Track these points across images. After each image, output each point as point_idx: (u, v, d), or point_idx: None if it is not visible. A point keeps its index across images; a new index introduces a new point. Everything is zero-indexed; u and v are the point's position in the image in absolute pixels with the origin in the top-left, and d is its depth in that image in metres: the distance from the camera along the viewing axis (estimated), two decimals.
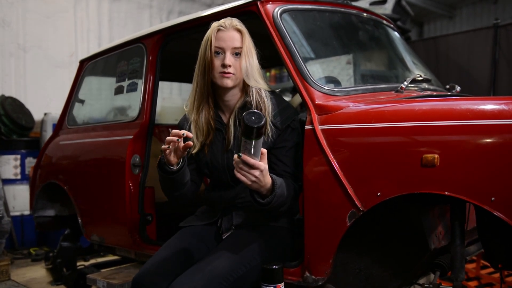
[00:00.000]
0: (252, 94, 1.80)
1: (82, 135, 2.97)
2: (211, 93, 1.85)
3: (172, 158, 1.65)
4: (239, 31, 1.78)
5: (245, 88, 1.84)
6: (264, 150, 1.51)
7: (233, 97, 1.85)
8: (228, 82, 1.77)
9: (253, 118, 1.41)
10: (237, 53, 1.77)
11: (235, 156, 1.50)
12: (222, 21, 1.80)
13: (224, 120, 1.88)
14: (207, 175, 1.96)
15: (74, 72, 3.31)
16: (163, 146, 1.62)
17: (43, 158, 3.24)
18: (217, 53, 1.76)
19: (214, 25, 1.79)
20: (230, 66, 1.75)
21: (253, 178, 1.52)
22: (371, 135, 1.59)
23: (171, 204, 3.02)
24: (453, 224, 1.60)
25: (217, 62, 1.77)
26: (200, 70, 1.81)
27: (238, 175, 1.52)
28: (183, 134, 1.57)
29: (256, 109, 1.78)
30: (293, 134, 1.82)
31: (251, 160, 1.48)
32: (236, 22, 1.79)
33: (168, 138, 1.60)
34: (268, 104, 1.80)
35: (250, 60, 1.79)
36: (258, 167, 1.50)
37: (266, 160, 1.53)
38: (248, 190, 1.67)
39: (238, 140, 1.53)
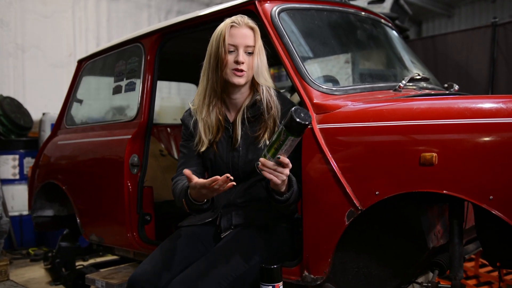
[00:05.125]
0: (263, 93, 1.81)
1: (80, 135, 2.97)
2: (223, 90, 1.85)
3: (210, 195, 1.65)
4: (252, 28, 1.78)
5: (253, 86, 1.84)
6: None
7: (242, 95, 1.85)
8: (241, 80, 1.77)
9: (302, 115, 1.45)
10: (249, 52, 1.77)
11: (266, 158, 1.53)
12: (234, 17, 1.78)
13: (230, 118, 1.87)
14: (208, 171, 1.94)
15: (73, 72, 3.31)
16: (212, 184, 1.55)
17: (42, 158, 3.23)
18: (230, 50, 1.76)
19: (227, 21, 1.78)
20: (243, 63, 1.75)
21: (284, 177, 1.55)
22: (370, 134, 1.59)
23: (170, 203, 3.03)
24: (451, 222, 1.60)
25: (230, 59, 1.76)
26: (212, 67, 1.80)
27: (269, 175, 1.54)
28: (228, 177, 1.54)
29: (267, 108, 1.79)
30: None
31: (286, 160, 1.52)
32: (248, 19, 1.79)
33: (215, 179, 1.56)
34: (277, 103, 1.81)
35: (262, 58, 1.79)
36: (288, 165, 1.53)
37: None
38: (250, 190, 1.67)
39: (272, 141, 1.53)
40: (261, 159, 1.55)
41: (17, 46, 5.60)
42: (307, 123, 1.46)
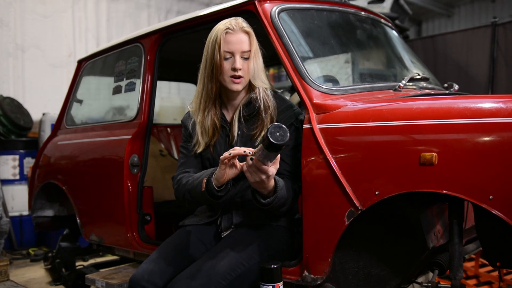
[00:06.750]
0: (259, 93, 1.81)
1: (80, 135, 2.97)
2: (219, 96, 1.85)
3: (228, 172, 1.60)
4: (247, 33, 1.76)
5: (250, 86, 1.85)
6: (278, 156, 1.51)
7: (239, 97, 1.86)
8: (239, 87, 1.78)
9: (277, 134, 1.41)
10: (245, 57, 1.76)
11: (248, 157, 1.52)
12: (228, 22, 1.76)
13: (228, 117, 1.88)
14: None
15: (72, 72, 3.31)
16: (224, 155, 1.55)
17: (42, 158, 3.23)
18: (226, 57, 1.75)
19: (221, 27, 1.75)
20: (240, 69, 1.75)
21: (258, 179, 1.53)
22: (370, 134, 1.59)
23: (170, 203, 3.03)
24: (451, 222, 1.60)
25: (226, 66, 1.75)
26: (207, 73, 1.79)
27: (245, 170, 1.54)
28: (245, 151, 1.53)
29: (264, 107, 1.79)
30: (296, 133, 1.82)
31: (261, 166, 1.49)
32: (243, 23, 1.77)
33: (235, 149, 1.56)
34: (273, 103, 1.82)
35: (258, 61, 1.79)
36: (266, 172, 1.51)
37: (277, 165, 1.54)
38: (250, 189, 1.68)
39: (258, 143, 1.53)
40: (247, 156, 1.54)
41: (17, 46, 5.60)
42: (279, 143, 1.40)
